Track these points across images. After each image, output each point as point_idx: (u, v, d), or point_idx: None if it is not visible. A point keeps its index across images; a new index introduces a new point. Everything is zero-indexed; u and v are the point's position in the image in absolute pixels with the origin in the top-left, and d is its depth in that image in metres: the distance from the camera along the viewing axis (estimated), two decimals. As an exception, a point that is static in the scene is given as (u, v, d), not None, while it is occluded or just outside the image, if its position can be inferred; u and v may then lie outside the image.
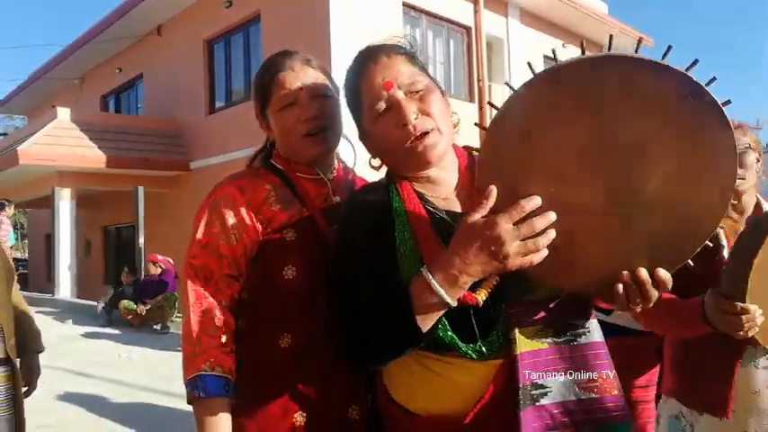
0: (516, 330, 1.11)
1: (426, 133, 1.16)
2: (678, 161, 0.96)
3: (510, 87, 1.05)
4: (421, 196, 1.21)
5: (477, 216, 0.99)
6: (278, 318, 1.35)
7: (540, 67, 1.09)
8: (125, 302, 9.15)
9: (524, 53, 12.25)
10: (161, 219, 12.05)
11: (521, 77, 1.06)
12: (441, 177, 1.23)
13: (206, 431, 1.24)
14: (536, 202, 0.97)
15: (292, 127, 1.40)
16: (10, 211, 10.02)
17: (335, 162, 1.52)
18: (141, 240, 11.13)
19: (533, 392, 1.09)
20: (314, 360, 1.32)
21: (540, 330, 1.12)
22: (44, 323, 9.25)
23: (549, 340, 1.12)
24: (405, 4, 10.23)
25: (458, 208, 1.20)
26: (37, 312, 10.39)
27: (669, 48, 0.96)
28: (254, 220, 1.36)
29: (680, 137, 0.95)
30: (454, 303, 1.02)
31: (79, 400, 5.16)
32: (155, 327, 9.01)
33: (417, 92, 1.18)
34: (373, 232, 1.17)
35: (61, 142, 11.33)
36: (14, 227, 10.88)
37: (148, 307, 8.97)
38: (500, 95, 9.53)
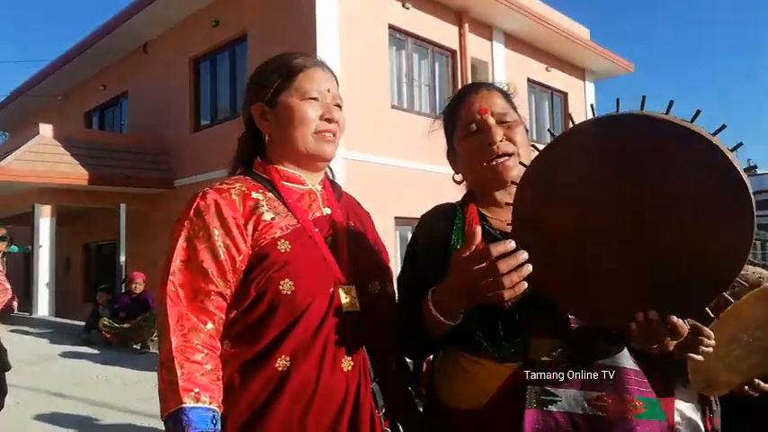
0: (535, 339, 1.23)
1: (508, 155, 1.35)
2: (698, 217, 1.00)
3: (551, 134, 1.15)
4: (483, 217, 1.39)
5: (460, 251, 1.13)
6: (276, 338, 1.20)
7: (523, 91, 1.14)
8: (105, 320, 9.01)
9: (508, 76, 12.43)
10: (143, 236, 11.93)
11: None
12: (506, 203, 1.31)
13: None
14: (508, 246, 1.07)
15: (311, 121, 1.35)
16: (2, 246, 9.96)
17: (323, 174, 1.46)
18: (123, 258, 11.01)
19: (542, 397, 1.19)
20: (315, 383, 1.20)
21: (560, 345, 1.22)
22: (22, 342, 9.10)
23: (566, 357, 1.22)
24: (391, 27, 10.35)
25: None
26: (13, 331, 10.21)
27: (698, 112, 1.02)
28: (244, 231, 1.24)
29: (703, 197, 0.99)
30: (453, 323, 1.18)
31: (57, 421, 5.05)
32: (134, 346, 8.87)
33: (506, 122, 1.39)
34: (432, 246, 1.37)
35: (43, 159, 11.22)
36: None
37: (128, 325, 8.83)
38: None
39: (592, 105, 1.15)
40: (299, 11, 9.35)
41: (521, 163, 1.30)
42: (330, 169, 1.49)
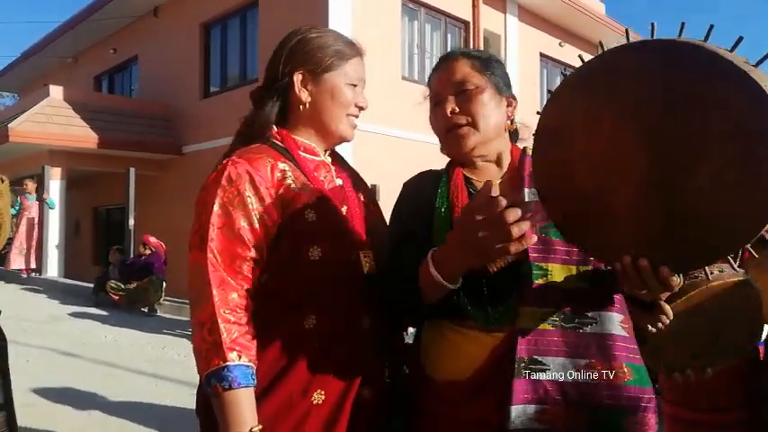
0: (523, 308, 1.22)
1: (458, 126, 1.36)
2: (730, 173, 0.92)
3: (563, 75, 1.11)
4: (468, 180, 1.39)
5: (466, 208, 1.12)
6: (304, 300, 1.31)
7: (535, 65, 1.12)
8: (112, 282, 9.14)
9: (521, 50, 12.27)
10: (151, 201, 12.01)
11: (517, 73, 1.11)
12: (491, 170, 1.42)
13: (234, 424, 1.17)
14: (501, 203, 1.01)
15: (349, 104, 1.45)
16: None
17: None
18: (131, 222, 11.09)
19: (531, 366, 1.19)
20: (337, 340, 1.31)
21: (548, 313, 1.22)
22: (31, 302, 9.26)
23: (557, 323, 1.22)
24: (404, -4, 10.21)
25: (496, 192, 1.32)
26: (24, 290, 10.38)
27: (740, 38, 0.95)
28: (275, 200, 1.31)
29: (743, 151, 0.91)
30: (453, 286, 1.17)
31: (66, 381, 5.16)
32: (142, 309, 9.01)
33: (464, 91, 1.37)
34: (417, 209, 1.37)
35: (53, 121, 11.24)
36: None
37: (134, 285, 8.97)
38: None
39: (626, 30, 1.10)
40: (312, -23, 9.22)
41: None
42: None
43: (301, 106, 1.44)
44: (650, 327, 1.32)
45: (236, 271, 1.27)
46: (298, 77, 1.42)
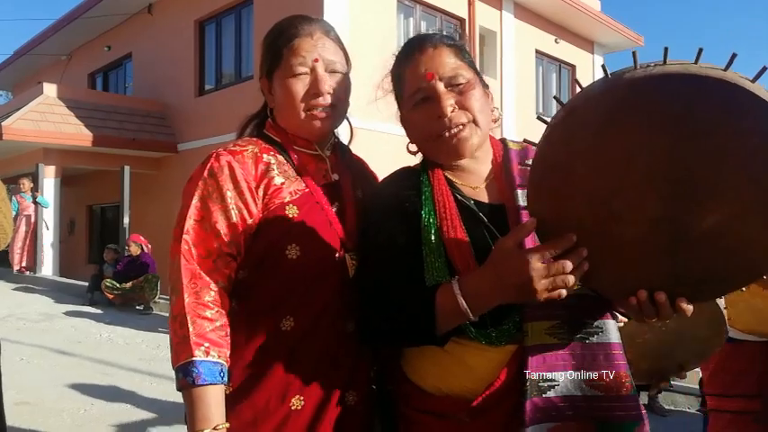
0: (529, 324, 1.14)
1: (461, 126, 1.19)
2: (746, 206, 0.90)
3: (557, 101, 1.02)
4: (451, 184, 1.25)
5: (510, 242, 1.03)
6: (280, 300, 1.25)
7: (531, 62, 1.06)
8: (107, 281, 9.11)
9: (517, 47, 12.26)
10: (147, 199, 11.97)
11: (512, 70, 1.07)
12: (473, 167, 1.27)
13: (198, 421, 1.14)
14: (572, 240, 0.98)
15: (300, 99, 1.31)
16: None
17: (332, 139, 1.45)
18: (126, 220, 11.05)
19: (540, 384, 1.13)
20: (316, 344, 1.25)
21: (552, 326, 1.15)
22: (26, 300, 9.21)
23: (562, 336, 1.15)
24: (399, -7, 10.19)
25: (486, 198, 1.25)
26: (17, 289, 10.33)
27: (765, 68, 0.88)
28: (255, 194, 1.26)
29: (751, 184, 0.89)
30: (476, 319, 1.09)
31: (60, 379, 5.14)
32: (137, 307, 8.98)
33: (458, 85, 1.21)
34: (400, 218, 1.22)
35: (47, 119, 11.18)
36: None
37: (130, 285, 8.94)
38: (492, 89, 9.52)
39: (634, 53, 0.95)
40: (307, -26, 9.20)
41: (526, 141, 1.17)
42: (350, 126, 1.49)
43: (270, 111, 1.41)
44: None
45: (210, 266, 1.23)
46: (263, 85, 1.41)
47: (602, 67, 1.00)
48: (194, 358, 1.15)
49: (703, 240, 0.94)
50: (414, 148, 1.33)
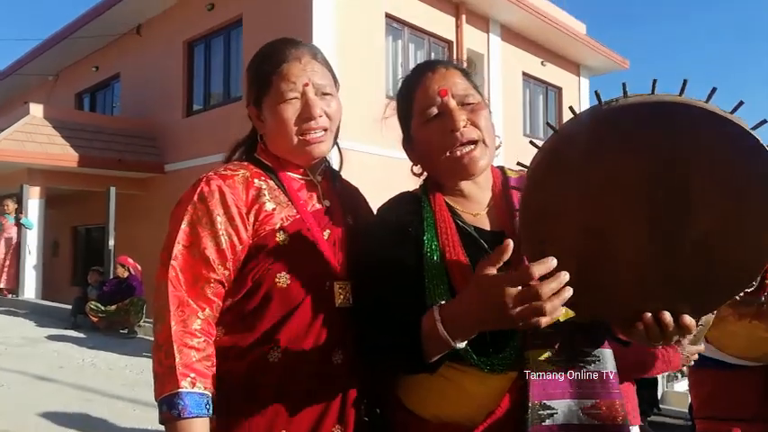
0: (530, 351, 1.15)
1: (473, 144, 1.21)
2: (722, 219, 0.95)
3: (552, 128, 1.03)
4: (452, 210, 1.26)
5: (489, 269, 1.00)
6: (269, 329, 1.22)
7: (518, 84, 1.07)
8: (92, 304, 8.95)
9: (504, 69, 12.39)
10: (133, 221, 11.85)
11: (499, 92, 1.06)
12: (474, 193, 1.28)
13: None
14: (551, 264, 0.94)
15: (292, 124, 1.29)
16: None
17: (323, 164, 1.43)
18: (112, 242, 10.92)
19: (541, 413, 1.13)
20: (303, 375, 1.22)
21: (551, 354, 1.15)
22: (7, 324, 9.03)
23: (560, 364, 1.15)
24: (388, 15, 10.26)
25: (487, 225, 1.26)
26: (-1, 313, 10.10)
27: (741, 102, 0.92)
28: (246, 219, 1.24)
29: (727, 196, 0.93)
30: (460, 346, 1.06)
31: (42, 406, 5.00)
32: (121, 331, 8.83)
33: (469, 104, 1.24)
34: (402, 243, 1.22)
35: (32, 139, 11.08)
36: None
37: (114, 308, 8.79)
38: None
39: (597, 92, 0.99)
40: (296, -3, 9.26)
41: (520, 164, 1.17)
42: (326, 159, 1.46)
43: (261, 137, 1.39)
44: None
45: (198, 293, 1.19)
46: (251, 113, 1.39)
47: (596, 93, 0.99)
48: (180, 390, 1.11)
49: (696, 254, 0.97)
50: (418, 170, 1.34)
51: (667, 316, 1.01)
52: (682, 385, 7.01)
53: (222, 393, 1.19)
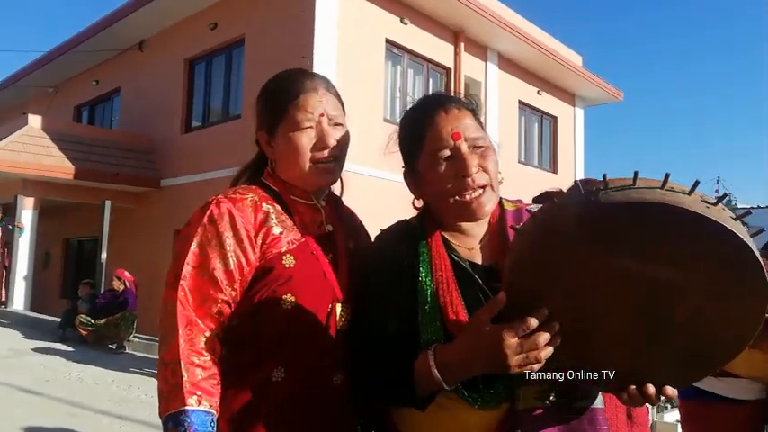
0: (521, 389, 1.16)
1: (482, 188, 1.22)
2: (706, 301, 0.97)
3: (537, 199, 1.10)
4: (448, 245, 1.27)
5: (485, 317, 1.05)
6: (273, 350, 1.26)
7: (514, 112, 1.10)
8: (82, 317, 8.88)
9: (501, 97, 12.54)
10: (126, 234, 11.81)
11: (495, 119, 1.08)
12: (471, 229, 1.30)
13: None
14: (543, 314, 1.02)
15: (307, 152, 1.34)
16: None
17: (327, 190, 1.47)
18: (104, 255, 10.86)
19: None
20: (304, 396, 1.25)
21: (541, 390, 1.17)
22: (-6, 335, 8.92)
23: (550, 400, 1.17)
24: (388, 41, 10.41)
25: (480, 260, 1.28)
26: (-13, 323, 9.98)
27: (725, 195, 0.95)
28: (254, 242, 1.27)
29: (711, 282, 0.95)
30: (451, 387, 1.11)
31: (26, 421, 4.93)
32: (110, 346, 8.75)
33: (479, 147, 1.24)
34: (398, 277, 1.24)
35: (28, 150, 11.08)
36: None
37: (104, 321, 8.72)
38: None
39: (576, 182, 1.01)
40: (298, 19, 9.37)
41: (528, 208, 1.23)
42: (340, 179, 1.50)
43: (273, 161, 1.43)
44: None
45: (205, 312, 1.22)
46: (261, 139, 1.43)
47: (575, 182, 1.01)
48: (187, 407, 1.12)
49: (682, 328, 1.00)
50: (419, 203, 1.36)
51: (651, 389, 1.05)
52: (672, 415, 6.98)
53: (224, 412, 1.21)
